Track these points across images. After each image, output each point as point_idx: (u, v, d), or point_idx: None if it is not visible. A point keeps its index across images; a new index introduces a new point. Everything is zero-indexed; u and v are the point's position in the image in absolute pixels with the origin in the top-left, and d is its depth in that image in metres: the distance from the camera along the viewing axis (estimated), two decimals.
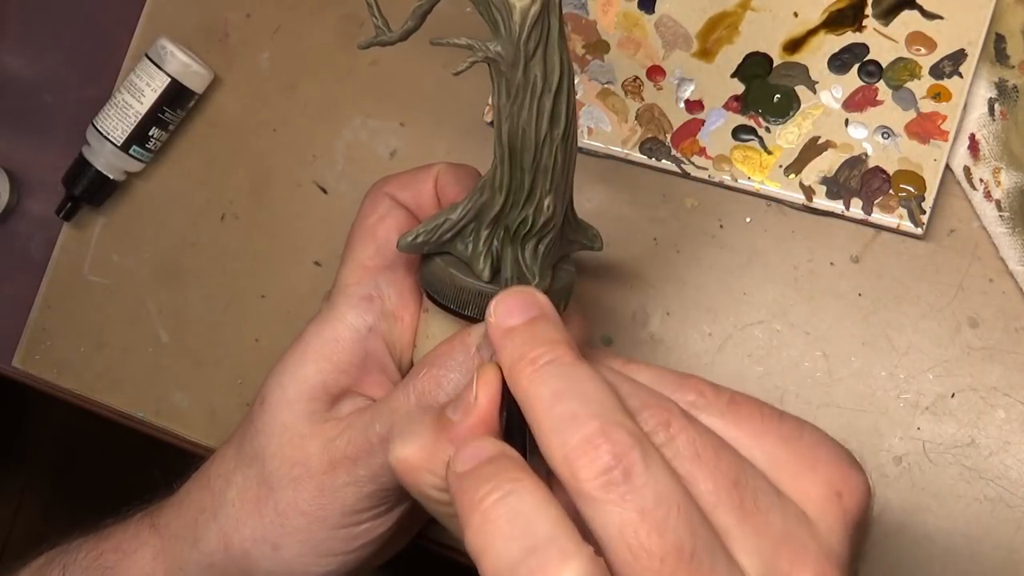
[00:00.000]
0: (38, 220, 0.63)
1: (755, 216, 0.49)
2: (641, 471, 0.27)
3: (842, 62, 0.48)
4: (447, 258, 0.39)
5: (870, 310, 0.47)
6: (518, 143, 0.35)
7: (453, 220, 0.38)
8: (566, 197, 0.37)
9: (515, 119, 0.35)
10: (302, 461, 0.39)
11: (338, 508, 0.39)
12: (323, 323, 0.41)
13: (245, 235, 0.58)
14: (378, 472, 0.38)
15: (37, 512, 1.35)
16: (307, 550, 0.39)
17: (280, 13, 0.59)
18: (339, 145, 0.57)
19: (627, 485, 0.26)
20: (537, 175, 0.36)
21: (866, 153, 0.47)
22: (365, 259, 0.42)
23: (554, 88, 0.34)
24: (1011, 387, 0.45)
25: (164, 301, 0.59)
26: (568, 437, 0.27)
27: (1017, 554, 0.44)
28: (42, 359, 0.61)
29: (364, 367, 0.41)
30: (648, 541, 0.26)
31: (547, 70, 0.34)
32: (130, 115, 0.57)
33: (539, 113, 0.34)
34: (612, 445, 0.27)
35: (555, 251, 0.39)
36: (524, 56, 0.34)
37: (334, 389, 0.40)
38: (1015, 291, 0.45)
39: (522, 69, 0.34)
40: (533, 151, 0.35)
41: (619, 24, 0.51)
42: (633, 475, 0.27)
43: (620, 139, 0.50)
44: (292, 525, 0.39)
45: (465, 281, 0.39)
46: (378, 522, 0.40)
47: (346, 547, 0.40)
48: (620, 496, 0.26)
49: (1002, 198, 0.45)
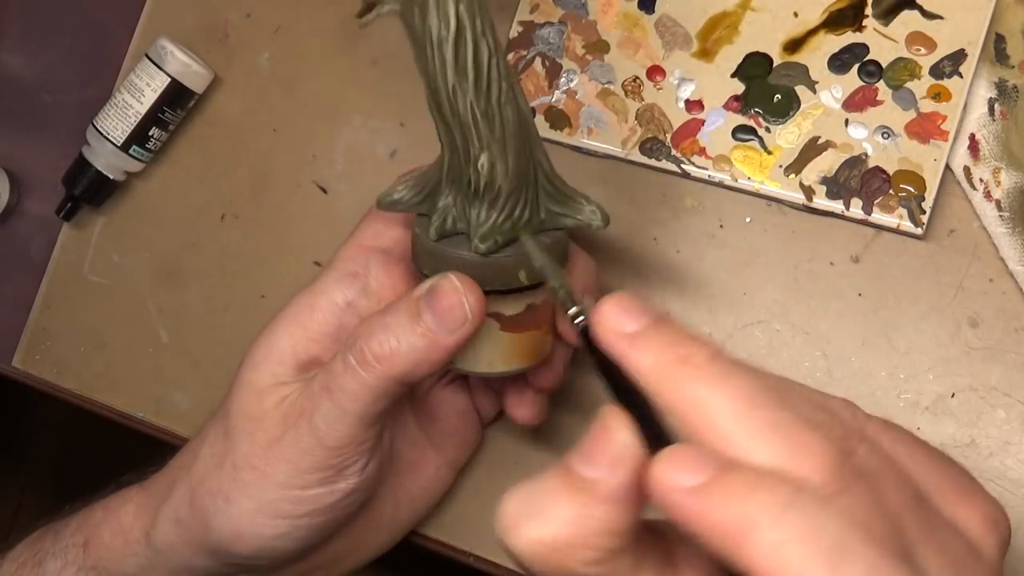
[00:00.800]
0: (38, 220, 0.63)
1: (755, 216, 0.49)
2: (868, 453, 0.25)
3: (842, 62, 0.48)
4: (422, 220, 0.40)
5: (870, 310, 0.47)
6: (433, 96, 0.36)
7: (422, 182, 0.39)
8: (512, 158, 0.37)
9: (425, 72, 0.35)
10: (258, 416, 0.40)
11: (286, 466, 0.39)
12: (305, 293, 0.43)
13: (245, 235, 0.58)
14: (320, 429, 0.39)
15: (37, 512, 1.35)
16: (256, 507, 0.40)
17: (280, 13, 0.59)
18: (339, 145, 0.57)
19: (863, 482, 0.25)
20: (464, 132, 0.36)
21: (866, 153, 0.47)
22: (363, 239, 0.43)
23: (452, 40, 0.34)
24: (1011, 387, 0.45)
25: (164, 301, 0.59)
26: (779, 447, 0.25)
27: (1017, 554, 0.44)
28: (42, 359, 0.61)
29: (336, 339, 0.42)
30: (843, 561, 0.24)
31: (440, 21, 0.34)
32: (130, 115, 0.57)
33: (442, 63, 0.35)
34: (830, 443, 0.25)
35: (518, 219, 0.39)
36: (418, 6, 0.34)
37: (303, 356, 0.41)
38: (1015, 291, 0.45)
39: (418, 18, 0.34)
40: (447, 104, 0.35)
41: (619, 24, 0.51)
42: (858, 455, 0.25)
43: (620, 139, 0.50)
44: (243, 479, 0.40)
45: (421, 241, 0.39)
46: (326, 490, 0.40)
47: (294, 510, 0.40)
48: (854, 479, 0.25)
49: (1002, 198, 0.45)
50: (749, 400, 0.25)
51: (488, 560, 0.50)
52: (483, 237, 0.38)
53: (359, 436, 0.39)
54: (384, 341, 0.38)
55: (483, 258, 0.38)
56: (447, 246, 0.39)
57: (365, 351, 0.38)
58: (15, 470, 1.37)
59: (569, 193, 0.40)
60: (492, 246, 0.38)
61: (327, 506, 0.40)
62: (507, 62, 0.36)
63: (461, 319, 0.38)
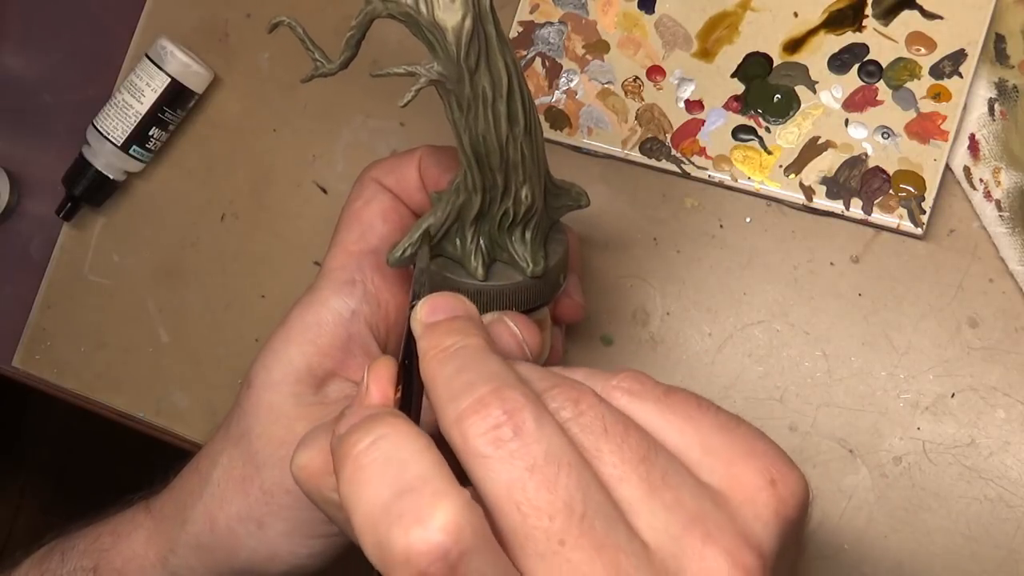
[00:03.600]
0: (38, 220, 0.63)
1: (755, 216, 0.49)
2: (532, 428, 0.26)
3: (842, 62, 0.48)
4: (439, 260, 0.39)
5: (870, 310, 0.47)
6: (482, 149, 0.35)
7: (436, 224, 0.38)
8: (542, 179, 0.37)
9: (474, 130, 0.35)
10: (290, 441, 0.40)
11: None
12: (306, 307, 0.42)
13: (245, 235, 0.58)
14: None
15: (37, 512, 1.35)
16: (291, 528, 0.40)
17: (280, 13, 0.59)
18: (339, 145, 0.57)
19: (517, 441, 0.26)
20: (508, 172, 0.36)
21: (866, 153, 0.47)
22: (349, 243, 0.42)
23: (505, 93, 0.34)
24: (1011, 387, 0.45)
25: (164, 301, 0.59)
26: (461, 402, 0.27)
27: (1017, 554, 0.44)
28: (42, 359, 0.61)
29: (348, 350, 0.41)
30: (536, 497, 0.25)
31: (494, 78, 0.33)
32: (130, 115, 0.57)
33: (496, 119, 0.34)
34: (503, 403, 0.26)
35: (543, 228, 0.39)
36: (468, 71, 0.33)
37: (319, 372, 0.41)
38: (1015, 291, 0.45)
39: (468, 84, 0.33)
40: (499, 153, 0.35)
41: (619, 24, 0.51)
42: (523, 432, 0.26)
43: (620, 139, 0.50)
44: (278, 503, 0.40)
45: (461, 282, 0.39)
46: None
47: (330, 529, 0.39)
48: (509, 453, 0.26)
49: (1002, 198, 0.45)
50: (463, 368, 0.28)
51: None
52: (536, 261, 0.39)
53: None
54: None
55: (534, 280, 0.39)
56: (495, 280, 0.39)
57: None
58: (15, 470, 1.37)
59: (559, 184, 0.40)
60: (544, 265, 0.39)
61: None
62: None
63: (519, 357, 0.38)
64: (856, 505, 0.46)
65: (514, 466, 0.26)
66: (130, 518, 0.44)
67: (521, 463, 0.26)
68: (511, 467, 0.26)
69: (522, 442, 0.26)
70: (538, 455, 0.26)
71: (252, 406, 0.41)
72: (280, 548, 0.40)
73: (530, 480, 0.25)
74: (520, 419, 0.26)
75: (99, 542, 0.44)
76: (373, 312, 0.42)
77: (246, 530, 0.40)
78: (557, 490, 0.25)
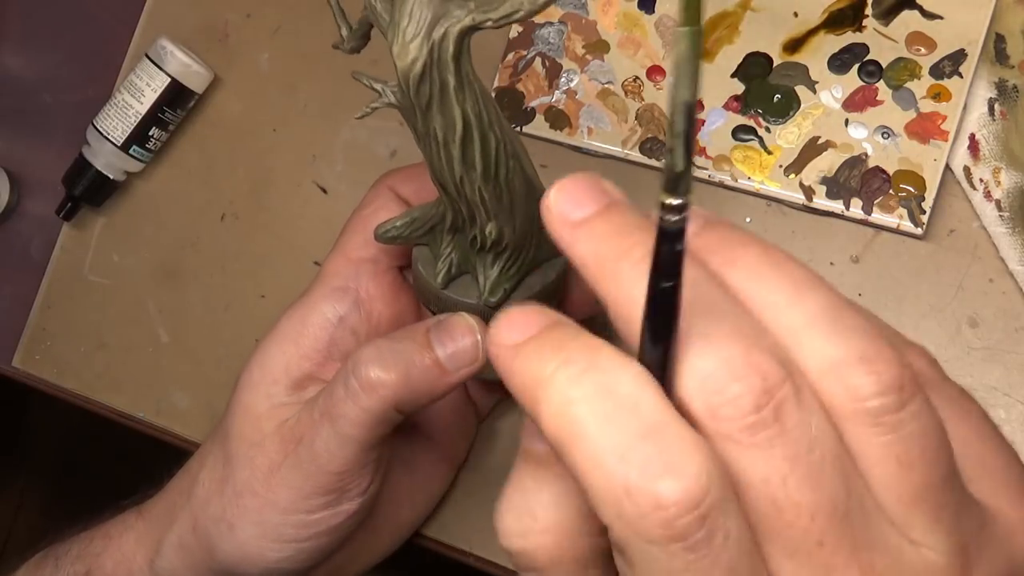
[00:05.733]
0: (38, 220, 0.63)
1: (755, 216, 0.49)
2: (793, 409, 0.21)
3: (842, 62, 0.48)
4: (423, 251, 0.40)
5: (870, 310, 0.47)
6: (437, 177, 0.34)
7: (422, 219, 0.38)
8: (517, 219, 0.36)
9: (429, 160, 0.34)
10: (258, 441, 0.40)
11: (288, 492, 0.39)
12: (295, 309, 0.42)
13: (245, 235, 0.58)
14: (322, 456, 0.38)
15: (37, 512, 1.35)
16: (260, 532, 0.39)
17: (280, 13, 0.59)
18: (339, 145, 0.57)
19: (777, 426, 0.21)
20: (470, 207, 0.35)
21: (866, 153, 0.47)
22: (350, 250, 0.43)
23: (459, 140, 0.32)
24: (1011, 387, 0.45)
25: (164, 301, 0.59)
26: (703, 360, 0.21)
27: None
28: (42, 359, 0.61)
29: (329, 354, 0.41)
30: (799, 494, 0.21)
31: (447, 123, 0.32)
32: (130, 115, 0.57)
33: (448, 160, 0.33)
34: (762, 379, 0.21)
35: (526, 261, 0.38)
36: (419, 109, 0.32)
37: (296, 373, 0.41)
38: (1015, 291, 0.45)
39: (420, 120, 0.33)
40: (454, 188, 0.34)
41: (619, 24, 0.51)
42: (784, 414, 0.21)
43: (620, 139, 0.50)
44: (246, 505, 0.40)
45: (427, 283, 0.39)
46: (329, 512, 0.40)
47: (298, 535, 0.39)
48: (767, 439, 0.21)
49: (1002, 198, 0.45)
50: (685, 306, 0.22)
51: (488, 560, 0.50)
52: (492, 291, 0.38)
53: (361, 460, 0.39)
54: (391, 367, 0.37)
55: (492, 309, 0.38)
56: (454, 292, 0.39)
57: (370, 376, 0.37)
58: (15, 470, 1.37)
59: None
60: (502, 297, 0.38)
61: (331, 528, 0.40)
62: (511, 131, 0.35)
63: (472, 358, 0.38)
64: None
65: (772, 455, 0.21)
66: (122, 521, 0.44)
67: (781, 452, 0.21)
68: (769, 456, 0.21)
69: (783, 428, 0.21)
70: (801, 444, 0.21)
71: (233, 405, 0.41)
72: (250, 550, 0.40)
73: (792, 474, 0.21)
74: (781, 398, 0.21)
75: (92, 546, 0.44)
76: (361, 320, 0.42)
77: (219, 531, 0.40)
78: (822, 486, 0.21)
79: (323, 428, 0.38)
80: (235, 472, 0.40)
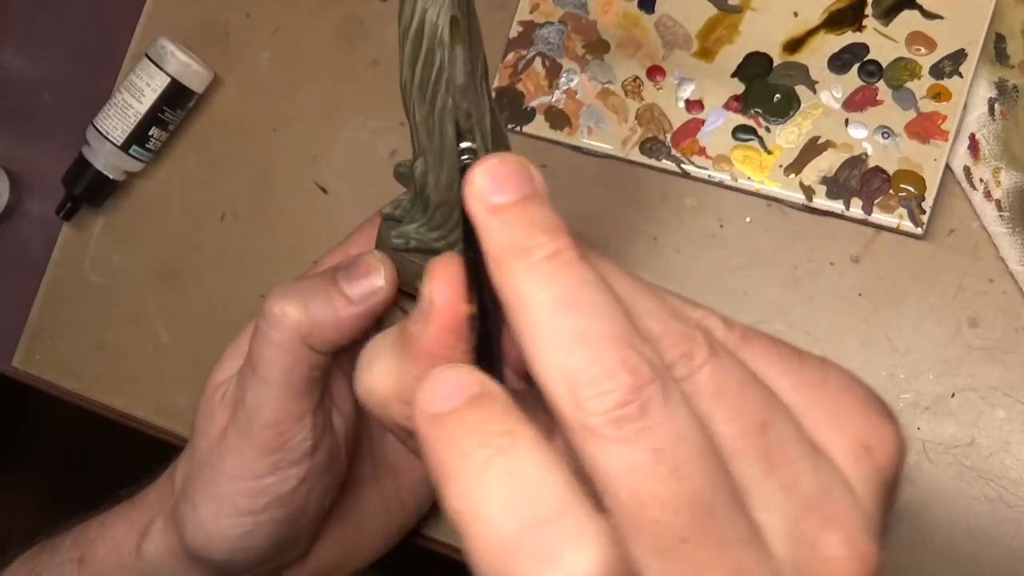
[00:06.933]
0: (38, 220, 0.63)
1: (755, 216, 0.49)
2: (659, 406, 0.22)
3: (842, 62, 0.48)
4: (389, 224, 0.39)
5: (870, 310, 0.47)
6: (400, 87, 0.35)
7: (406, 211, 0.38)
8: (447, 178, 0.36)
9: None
10: (208, 412, 0.40)
11: (234, 458, 0.39)
12: None
13: (245, 235, 0.58)
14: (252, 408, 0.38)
15: (37, 512, 1.35)
16: (217, 508, 0.39)
17: (280, 13, 0.59)
18: (339, 145, 0.57)
19: (643, 422, 0.22)
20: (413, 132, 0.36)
21: (866, 153, 0.47)
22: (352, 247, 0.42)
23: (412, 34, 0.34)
24: (1011, 387, 0.45)
25: (164, 301, 0.59)
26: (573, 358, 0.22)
27: (1017, 554, 0.44)
28: (42, 359, 0.61)
29: None
30: (662, 489, 0.21)
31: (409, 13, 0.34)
32: (130, 115, 0.57)
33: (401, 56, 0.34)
34: (631, 376, 0.22)
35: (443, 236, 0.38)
36: None
37: None
38: (1015, 291, 0.45)
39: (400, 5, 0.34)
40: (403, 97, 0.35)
41: (619, 24, 0.51)
42: (650, 411, 0.22)
43: (620, 139, 0.50)
44: (202, 479, 0.40)
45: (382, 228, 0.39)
46: (277, 478, 0.39)
47: (252, 505, 0.39)
48: (633, 434, 0.22)
49: (1002, 198, 0.45)
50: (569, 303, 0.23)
51: None
52: (400, 234, 0.38)
53: (291, 408, 0.38)
54: (293, 300, 0.37)
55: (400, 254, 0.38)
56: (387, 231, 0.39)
57: (274, 311, 0.38)
58: (15, 470, 1.37)
59: None
60: (401, 244, 0.38)
61: (284, 495, 0.40)
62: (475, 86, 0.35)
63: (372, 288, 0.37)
64: None
65: (636, 449, 0.22)
66: (116, 510, 0.45)
67: (645, 446, 0.22)
68: (632, 450, 0.22)
69: (648, 423, 0.22)
70: (666, 439, 0.22)
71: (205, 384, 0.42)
72: (212, 529, 0.40)
73: (654, 468, 0.22)
74: (648, 395, 0.22)
75: (86, 533, 0.45)
76: None
77: (185, 511, 0.40)
78: (685, 481, 0.22)
79: (249, 379, 0.38)
80: (195, 447, 0.41)
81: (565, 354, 0.22)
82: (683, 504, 0.22)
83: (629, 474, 0.22)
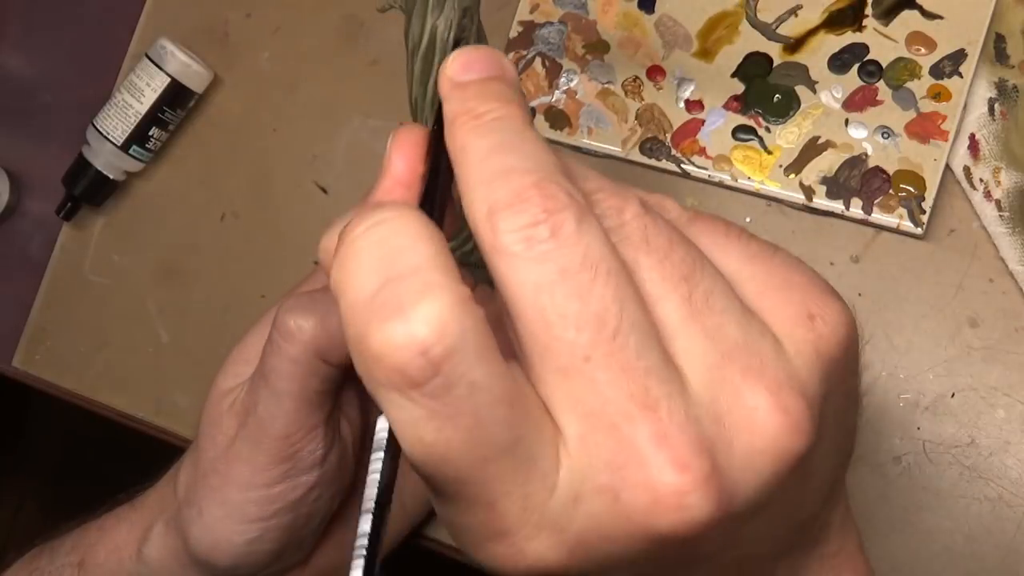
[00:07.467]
0: (38, 220, 0.63)
1: (755, 216, 0.49)
2: (572, 230, 0.22)
3: (842, 62, 0.48)
4: None
5: (870, 310, 0.47)
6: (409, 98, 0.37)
7: None
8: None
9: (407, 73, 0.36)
10: (216, 419, 0.40)
11: (244, 466, 0.39)
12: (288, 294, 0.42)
13: (245, 235, 0.58)
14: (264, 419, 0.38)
15: (37, 512, 1.35)
16: (224, 514, 0.39)
17: (280, 13, 0.59)
18: (339, 145, 0.57)
19: (553, 242, 0.22)
20: None
21: (866, 153, 0.47)
22: None
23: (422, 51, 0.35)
24: (1011, 387, 0.45)
25: (164, 301, 0.59)
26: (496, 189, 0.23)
27: (1017, 554, 0.44)
28: (42, 359, 0.61)
29: None
30: (565, 304, 0.22)
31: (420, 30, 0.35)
32: (130, 115, 0.57)
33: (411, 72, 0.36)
34: (544, 200, 0.23)
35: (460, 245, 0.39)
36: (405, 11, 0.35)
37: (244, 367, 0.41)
38: (1015, 291, 0.45)
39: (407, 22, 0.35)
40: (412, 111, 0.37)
41: (619, 24, 0.51)
42: (562, 233, 0.22)
43: (620, 139, 0.50)
44: (209, 485, 0.40)
45: None
46: (287, 485, 0.39)
47: (261, 512, 0.39)
48: (541, 253, 0.22)
49: (1002, 198, 0.45)
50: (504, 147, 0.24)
51: None
52: None
53: (303, 420, 0.38)
54: (308, 314, 0.37)
55: None
56: None
57: (288, 324, 0.37)
58: (15, 470, 1.37)
59: None
60: None
61: (293, 502, 0.40)
62: None
63: None
64: (855, 505, 0.46)
65: (544, 267, 0.22)
66: (116, 514, 0.45)
67: (553, 265, 0.22)
68: (541, 268, 0.22)
69: (558, 243, 0.22)
70: (574, 258, 0.22)
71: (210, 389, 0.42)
72: (218, 535, 0.39)
73: (560, 284, 0.22)
74: (561, 219, 0.22)
75: (86, 537, 0.44)
76: None
77: (190, 516, 0.40)
78: (590, 299, 0.22)
79: (261, 390, 0.38)
80: (202, 453, 0.40)
81: (489, 187, 0.23)
82: (586, 323, 0.22)
83: (536, 291, 0.22)
